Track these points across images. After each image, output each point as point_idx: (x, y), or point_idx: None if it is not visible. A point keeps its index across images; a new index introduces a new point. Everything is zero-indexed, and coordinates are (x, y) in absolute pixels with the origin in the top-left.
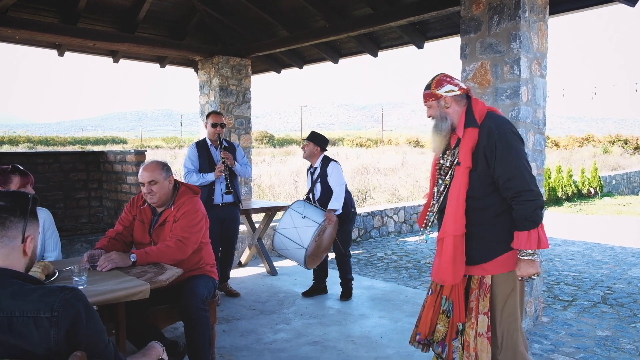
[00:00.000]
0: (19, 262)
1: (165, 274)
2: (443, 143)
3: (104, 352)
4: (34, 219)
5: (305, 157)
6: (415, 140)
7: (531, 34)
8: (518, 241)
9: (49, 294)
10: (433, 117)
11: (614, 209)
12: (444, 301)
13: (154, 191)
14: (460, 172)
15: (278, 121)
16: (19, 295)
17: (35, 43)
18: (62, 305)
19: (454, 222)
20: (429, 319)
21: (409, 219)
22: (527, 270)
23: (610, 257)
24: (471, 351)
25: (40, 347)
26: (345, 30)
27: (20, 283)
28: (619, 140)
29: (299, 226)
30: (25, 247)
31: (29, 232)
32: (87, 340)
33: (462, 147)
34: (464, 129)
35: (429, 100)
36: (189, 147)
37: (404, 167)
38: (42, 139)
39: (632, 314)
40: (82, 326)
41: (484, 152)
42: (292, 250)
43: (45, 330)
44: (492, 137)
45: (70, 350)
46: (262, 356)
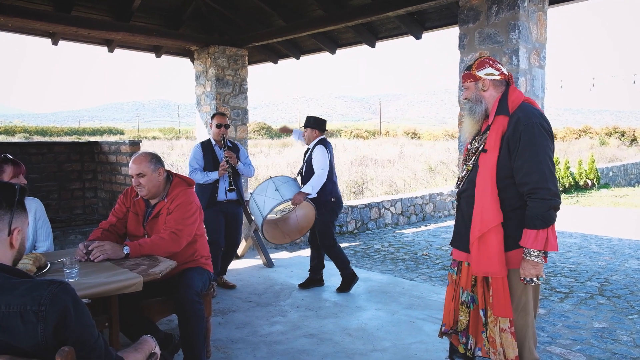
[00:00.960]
0: (5, 255)
1: (158, 267)
2: (475, 128)
3: (94, 347)
4: (22, 211)
5: (307, 143)
6: (413, 132)
7: (530, 24)
8: (525, 239)
9: (36, 287)
10: (468, 99)
11: (611, 201)
12: (461, 292)
13: (142, 184)
14: (486, 159)
15: (275, 112)
16: (5, 289)
17: (29, 31)
18: (50, 300)
19: (492, 212)
20: (451, 310)
21: (406, 211)
22: (528, 271)
23: (607, 248)
24: (498, 347)
25: (27, 342)
26: (343, 19)
27: (6, 276)
28: (616, 132)
29: (267, 196)
30: (12, 239)
31: (16, 224)
32: (76, 335)
33: (491, 134)
34: (494, 116)
35: (467, 81)
36: (194, 147)
37: (401, 158)
38: (38, 129)
39: (628, 306)
40: (70, 321)
41: (508, 142)
42: (256, 216)
43: (33, 325)
44: (518, 128)
45: (59, 345)
46: (258, 348)
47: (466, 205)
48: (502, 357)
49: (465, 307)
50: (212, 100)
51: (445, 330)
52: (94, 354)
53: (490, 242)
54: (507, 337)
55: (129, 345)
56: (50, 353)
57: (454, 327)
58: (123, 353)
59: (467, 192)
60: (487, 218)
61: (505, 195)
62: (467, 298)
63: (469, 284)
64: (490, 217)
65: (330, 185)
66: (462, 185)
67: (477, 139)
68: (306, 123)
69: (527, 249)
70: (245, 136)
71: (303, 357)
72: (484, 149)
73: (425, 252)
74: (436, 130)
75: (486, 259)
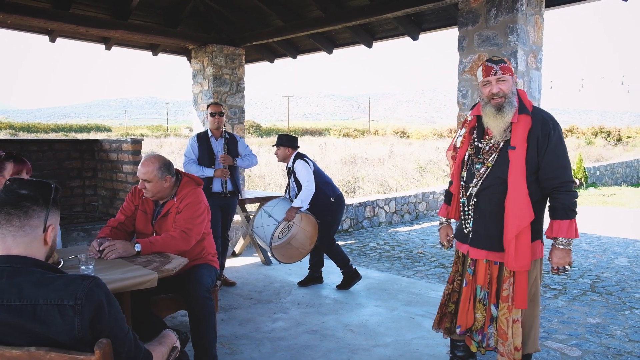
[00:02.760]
0: (39, 251)
1: (171, 263)
2: (504, 123)
3: (125, 340)
4: (56, 209)
5: (280, 160)
6: (402, 130)
7: (528, 27)
8: (559, 229)
9: (71, 282)
10: (501, 93)
11: (599, 200)
12: (479, 290)
13: (147, 188)
14: (516, 156)
15: (264, 111)
16: (42, 283)
17: (28, 28)
18: (86, 294)
19: (527, 208)
20: (467, 310)
21: (400, 210)
22: (563, 259)
23: (597, 246)
24: (509, 338)
25: (64, 334)
26: (341, 20)
27: (42, 272)
28: (602, 131)
29: (264, 225)
30: (47, 236)
31: (51, 222)
32: (109, 328)
33: (518, 132)
34: (517, 115)
35: (507, 73)
36: (190, 138)
37: (391, 157)
38: (24, 126)
39: (620, 302)
40: (104, 314)
41: (537, 140)
42: (264, 246)
43: (70, 319)
44: (546, 127)
45: (94, 338)
46: (262, 344)
47: (488, 202)
48: (511, 347)
49: (482, 305)
50: (210, 99)
51: (460, 332)
52: (125, 347)
53: (525, 238)
54: (518, 328)
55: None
56: (85, 345)
57: (470, 328)
58: (148, 346)
59: (491, 189)
60: (524, 216)
61: (530, 190)
62: (484, 295)
63: (487, 281)
64: (527, 214)
65: (325, 187)
66: (481, 183)
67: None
68: (278, 142)
69: (560, 239)
70: (242, 134)
71: (307, 353)
72: (511, 146)
73: (421, 250)
74: (425, 130)
75: (522, 254)
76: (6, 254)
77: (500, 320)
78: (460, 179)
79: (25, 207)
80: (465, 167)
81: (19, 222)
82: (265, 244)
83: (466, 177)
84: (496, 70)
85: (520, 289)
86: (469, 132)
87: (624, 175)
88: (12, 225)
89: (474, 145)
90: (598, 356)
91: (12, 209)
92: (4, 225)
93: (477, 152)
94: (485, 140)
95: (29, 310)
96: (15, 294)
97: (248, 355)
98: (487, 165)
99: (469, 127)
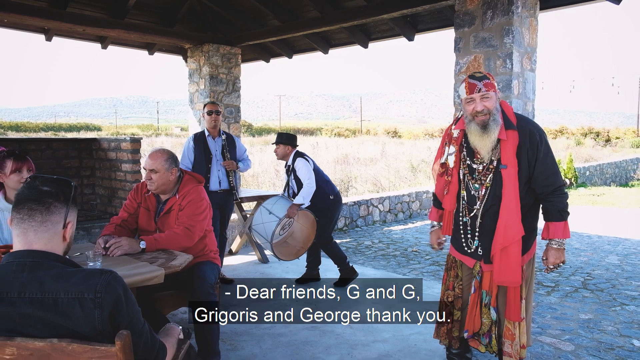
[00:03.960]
0: (59, 247)
1: (177, 260)
2: (491, 141)
3: (142, 332)
4: (75, 206)
5: (280, 158)
6: (394, 130)
7: (523, 29)
8: (555, 231)
9: (90, 276)
10: (485, 111)
11: (589, 199)
12: (484, 295)
13: (153, 179)
14: (508, 174)
15: (256, 110)
16: (62, 277)
17: (24, 27)
18: (105, 287)
19: (516, 225)
20: (474, 315)
21: (394, 208)
22: (559, 258)
23: (588, 245)
24: (517, 337)
25: (85, 326)
26: (337, 21)
27: (62, 266)
28: (591, 132)
29: (264, 222)
30: (66, 232)
31: (70, 218)
32: (127, 321)
33: (507, 149)
34: (504, 131)
35: (491, 89)
36: (186, 140)
37: (383, 157)
38: (12, 125)
39: (611, 298)
40: (122, 307)
41: (527, 153)
42: (264, 244)
43: (90, 311)
44: (534, 139)
45: (113, 330)
46: (263, 340)
47: (490, 221)
48: (518, 347)
49: (488, 310)
50: (206, 98)
51: (468, 337)
52: (142, 339)
53: (512, 254)
54: (524, 326)
55: None
56: (104, 337)
57: (476, 332)
58: (159, 337)
59: (493, 209)
60: (511, 232)
61: (525, 201)
62: (489, 300)
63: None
64: (514, 231)
65: (325, 185)
66: (485, 203)
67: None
68: (278, 140)
69: (555, 240)
70: (238, 133)
71: (307, 348)
72: (502, 165)
73: (415, 249)
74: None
75: (507, 269)
76: (27, 249)
77: (507, 321)
78: (458, 198)
79: (48, 203)
80: (463, 186)
81: (40, 218)
82: (266, 241)
83: (467, 198)
84: (480, 87)
85: (511, 304)
86: (458, 150)
87: (612, 176)
88: (34, 221)
89: (466, 164)
90: (590, 350)
91: (35, 205)
92: (26, 220)
93: (471, 172)
94: (477, 159)
95: (50, 303)
96: (36, 288)
97: (249, 351)
98: (487, 186)
99: (457, 144)
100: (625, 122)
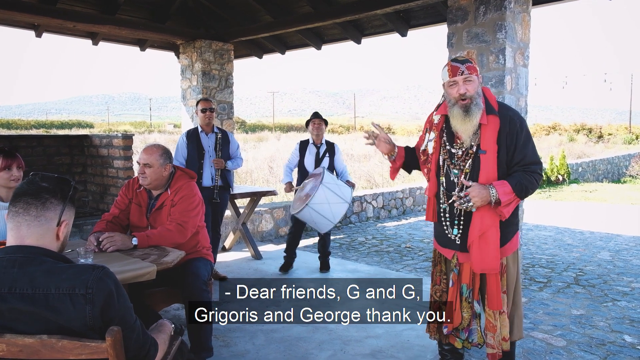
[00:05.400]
0: (51, 244)
1: (169, 256)
2: (472, 126)
3: (134, 328)
4: (72, 206)
5: (317, 135)
6: (387, 127)
7: (516, 24)
8: (501, 185)
9: (81, 271)
10: (467, 95)
11: (582, 196)
12: (464, 289)
13: (146, 173)
14: (487, 159)
15: (249, 107)
16: (54, 272)
17: (13, 23)
18: (96, 283)
19: (492, 211)
20: (455, 309)
21: (387, 205)
22: (476, 195)
23: (580, 241)
24: (498, 329)
25: (76, 322)
26: (330, 16)
27: (53, 261)
28: (583, 128)
29: (331, 202)
30: (59, 231)
31: (65, 217)
32: (119, 317)
33: (487, 134)
34: (486, 116)
35: (474, 73)
36: (179, 137)
37: (377, 153)
38: (3, 122)
39: (603, 294)
40: (114, 302)
41: (507, 139)
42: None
43: (82, 307)
44: (514, 125)
45: (104, 325)
46: (256, 336)
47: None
48: (499, 338)
49: (467, 303)
50: (199, 95)
51: (447, 332)
52: (134, 334)
53: (490, 239)
54: (505, 319)
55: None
56: (95, 333)
57: (456, 327)
58: (151, 334)
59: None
60: (488, 218)
61: None
62: (469, 294)
63: (471, 279)
64: (491, 215)
65: None
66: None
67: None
68: (321, 117)
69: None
70: (231, 130)
71: (300, 344)
72: (482, 150)
73: (408, 245)
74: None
75: (487, 256)
76: (19, 244)
77: (487, 314)
78: (438, 184)
79: (44, 199)
80: (443, 172)
81: (35, 212)
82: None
83: (446, 184)
84: (462, 70)
85: (491, 292)
86: (438, 136)
87: (605, 172)
88: (28, 215)
89: (446, 149)
90: (582, 346)
91: (31, 199)
92: (21, 214)
93: (451, 157)
94: (457, 144)
95: (41, 299)
96: (27, 283)
97: (242, 347)
98: (465, 172)
99: (437, 130)
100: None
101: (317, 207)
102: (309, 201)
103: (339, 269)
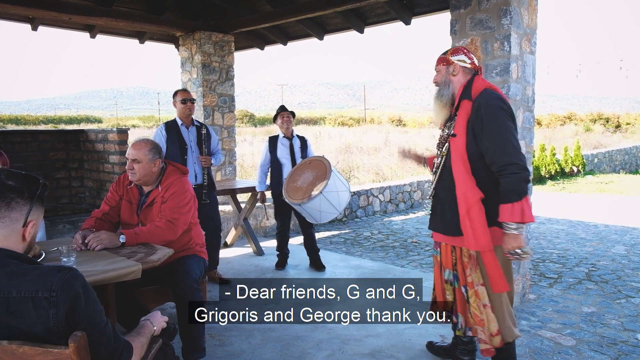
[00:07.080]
0: (17, 246)
1: (156, 254)
2: (443, 112)
3: (104, 332)
4: (40, 205)
5: (286, 128)
6: (398, 119)
7: (521, 9)
8: (503, 214)
9: (46, 273)
10: (438, 82)
11: (597, 187)
12: (443, 271)
13: (135, 169)
14: (457, 143)
15: (258, 100)
16: (16, 275)
17: (8, 16)
18: (61, 285)
19: (472, 189)
20: (442, 290)
21: (395, 199)
22: (510, 244)
23: (594, 234)
24: (486, 323)
25: (38, 327)
26: (331, 5)
27: (16, 263)
28: (600, 118)
29: (340, 190)
30: (26, 231)
31: (32, 217)
32: (86, 320)
33: (458, 119)
34: (459, 100)
35: (440, 64)
36: (156, 130)
37: (387, 146)
38: (12, 118)
39: (616, 290)
40: (81, 306)
41: (473, 126)
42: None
43: (45, 311)
44: (479, 112)
45: (70, 330)
46: (252, 335)
47: (441, 189)
48: (488, 333)
49: (450, 285)
50: (199, 87)
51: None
52: (104, 339)
53: (476, 217)
54: (489, 313)
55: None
56: (61, 338)
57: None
58: (128, 338)
59: (444, 177)
60: (469, 194)
61: (477, 175)
62: (450, 276)
63: (450, 263)
64: (471, 192)
65: None
66: (439, 172)
67: (448, 125)
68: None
69: (506, 224)
70: (232, 123)
71: (298, 343)
72: (453, 134)
73: (415, 239)
74: (421, 117)
75: (477, 233)
76: None
77: (472, 307)
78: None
79: (9, 199)
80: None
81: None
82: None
83: (434, 167)
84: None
85: (492, 272)
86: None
87: (622, 163)
88: None
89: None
90: (592, 345)
91: None
92: None
93: (440, 142)
94: (442, 130)
95: (2, 303)
96: None
97: (238, 346)
98: (442, 155)
99: None
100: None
101: (329, 195)
102: (323, 189)
103: (342, 265)
